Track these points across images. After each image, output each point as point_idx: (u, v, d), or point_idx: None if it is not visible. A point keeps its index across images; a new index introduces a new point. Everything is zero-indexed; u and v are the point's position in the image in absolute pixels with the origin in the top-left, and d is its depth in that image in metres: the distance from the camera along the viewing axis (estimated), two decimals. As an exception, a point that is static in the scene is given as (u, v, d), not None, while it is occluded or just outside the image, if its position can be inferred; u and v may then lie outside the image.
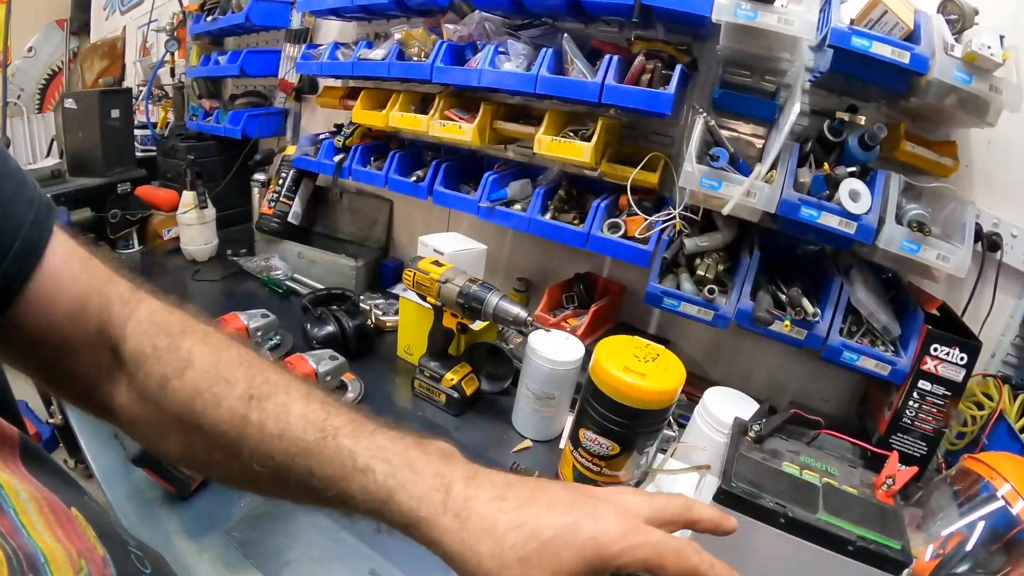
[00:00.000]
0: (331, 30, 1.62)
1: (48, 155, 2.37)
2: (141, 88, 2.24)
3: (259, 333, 1.09)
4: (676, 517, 0.38)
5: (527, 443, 0.97)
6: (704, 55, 1.07)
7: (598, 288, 1.27)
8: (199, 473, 0.42)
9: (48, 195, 0.39)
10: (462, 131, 1.15)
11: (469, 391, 1.03)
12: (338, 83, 1.55)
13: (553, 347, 0.92)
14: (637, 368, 0.73)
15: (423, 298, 1.03)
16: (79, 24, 3.94)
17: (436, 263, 1.00)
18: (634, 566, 0.34)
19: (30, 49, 3.99)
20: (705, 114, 0.94)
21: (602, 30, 1.16)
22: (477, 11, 1.17)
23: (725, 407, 0.81)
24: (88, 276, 0.40)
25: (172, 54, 2.09)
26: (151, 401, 0.40)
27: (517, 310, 0.90)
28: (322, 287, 1.39)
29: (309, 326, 1.15)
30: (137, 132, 1.96)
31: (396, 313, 1.27)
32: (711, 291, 0.96)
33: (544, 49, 1.06)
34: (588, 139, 1.06)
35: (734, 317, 0.94)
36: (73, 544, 0.28)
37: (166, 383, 0.39)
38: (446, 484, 0.35)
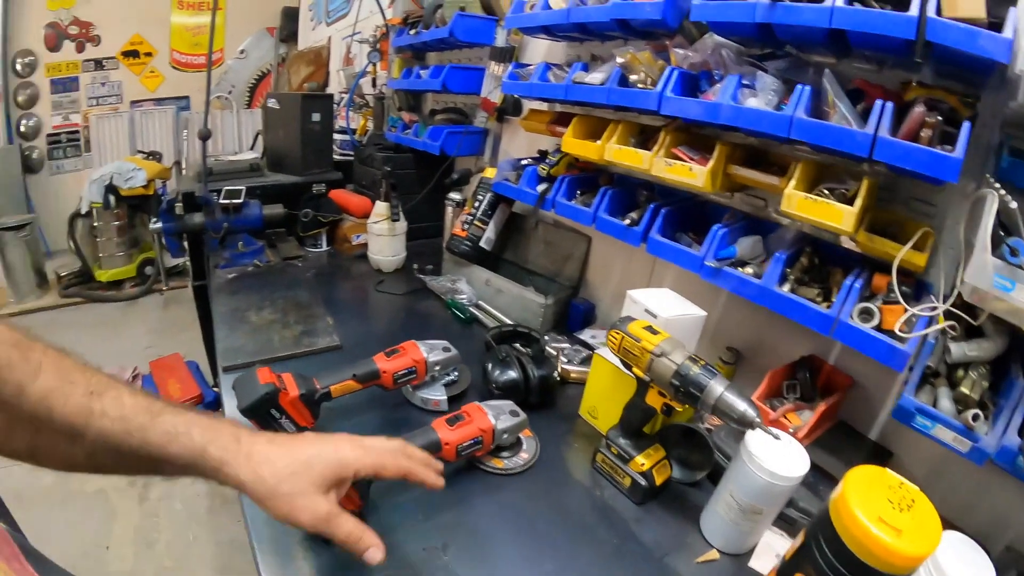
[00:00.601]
0: (538, 50, 1.56)
1: (252, 148, 2.67)
2: (343, 95, 2.39)
3: (437, 368, 1.01)
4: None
5: (714, 554, 0.80)
6: (980, 110, 0.81)
7: (822, 376, 1.04)
8: (38, 464, 0.55)
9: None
10: (692, 174, 0.99)
11: (659, 480, 0.88)
12: (544, 106, 1.47)
13: (775, 455, 0.73)
14: (891, 520, 0.56)
15: (628, 367, 0.89)
16: (287, 32, 4.47)
17: (650, 329, 0.85)
18: (365, 471, 0.60)
19: (242, 51, 4.62)
20: (1002, 191, 0.72)
21: (857, 67, 0.93)
22: (711, 36, 1.01)
23: (960, 566, 0.65)
24: None
25: (374, 65, 2.20)
26: (6, 405, 0.47)
27: (744, 407, 0.73)
28: (508, 322, 1.32)
29: (490, 367, 1.06)
30: (336, 136, 2.08)
31: (582, 363, 1.15)
32: (975, 417, 0.72)
33: (800, 87, 0.86)
34: (848, 201, 0.85)
35: (995, 454, 0.71)
36: None
37: (22, 389, 0.47)
38: (238, 436, 0.55)
